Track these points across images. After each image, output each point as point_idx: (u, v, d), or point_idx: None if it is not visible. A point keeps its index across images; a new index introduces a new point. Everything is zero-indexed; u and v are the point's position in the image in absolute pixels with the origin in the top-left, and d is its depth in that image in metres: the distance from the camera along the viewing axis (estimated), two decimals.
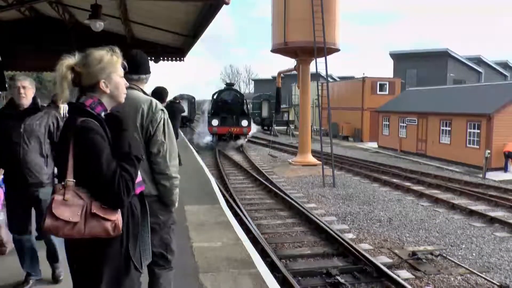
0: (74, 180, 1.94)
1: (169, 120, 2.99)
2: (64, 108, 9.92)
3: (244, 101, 28.51)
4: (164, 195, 2.97)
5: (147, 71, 3.09)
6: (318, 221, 9.70)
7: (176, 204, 3.09)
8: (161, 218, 2.98)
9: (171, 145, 2.95)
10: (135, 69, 2.96)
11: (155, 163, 2.89)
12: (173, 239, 3.12)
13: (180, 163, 3.82)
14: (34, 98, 3.90)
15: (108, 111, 2.16)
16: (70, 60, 2.10)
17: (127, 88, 2.93)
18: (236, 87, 73.65)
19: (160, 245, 2.99)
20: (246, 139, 27.33)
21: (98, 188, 1.95)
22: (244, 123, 25.97)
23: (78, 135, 1.95)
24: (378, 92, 33.59)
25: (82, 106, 2.06)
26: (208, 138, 27.37)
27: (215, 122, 25.79)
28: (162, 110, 2.93)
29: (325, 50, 17.28)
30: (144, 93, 3.03)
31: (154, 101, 2.94)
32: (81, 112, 2.03)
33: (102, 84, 2.11)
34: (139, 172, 2.19)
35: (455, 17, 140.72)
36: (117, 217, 1.98)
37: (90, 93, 2.12)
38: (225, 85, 31.31)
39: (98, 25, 8.69)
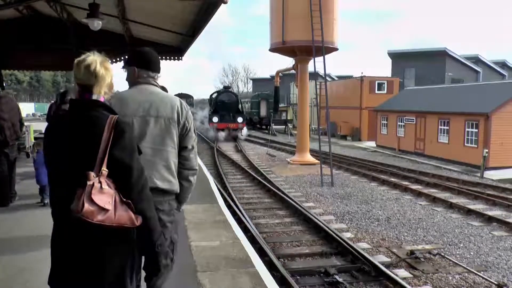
0: (107, 170, 2.01)
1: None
2: None
3: (239, 101, 34.20)
4: (185, 191, 2.98)
5: (159, 68, 3.09)
6: (316, 220, 9.70)
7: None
8: (175, 216, 2.97)
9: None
10: (156, 67, 2.99)
11: (187, 159, 2.91)
12: (177, 239, 3.08)
13: None
14: None
15: None
16: (97, 57, 2.16)
17: (150, 84, 2.96)
18: (234, 86, 76.37)
19: (169, 244, 2.90)
20: (240, 134, 31.98)
21: (125, 182, 2.05)
22: (240, 119, 31.68)
23: (119, 130, 2.05)
24: (376, 91, 33.60)
25: (101, 102, 2.16)
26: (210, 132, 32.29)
27: (215, 119, 31.39)
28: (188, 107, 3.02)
29: (323, 49, 17.29)
30: (164, 90, 3.06)
31: (179, 99, 3.01)
32: (103, 108, 2.13)
33: (113, 84, 2.27)
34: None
35: (453, 16, 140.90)
36: None
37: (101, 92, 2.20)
38: (223, 87, 37.46)
39: (96, 24, 8.67)
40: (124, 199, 2.01)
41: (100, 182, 1.96)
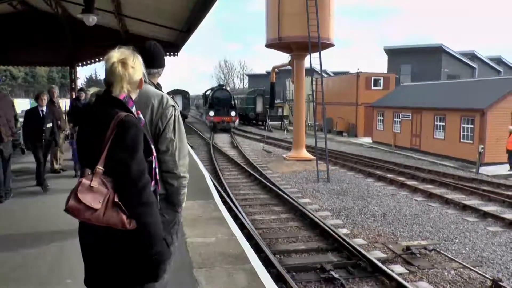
0: (103, 168, 1.98)
1: (180, 117, 2.87)
2: (57, 102, 9.86)
3: (232, 97, 39.24)
4: (171, 195, 2.85)
5: (159, 65, 2.98)
6: (312, 216, 9.71)
7: (183, 205, 2.99)
8: (166, 217, 2.83)
9: (181, 143, 2.83)
10: (146, 63, 2.91)
11: (163, 161, 2.76)
12: (175, 241, 2.99)
13: None
14: None
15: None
16: (118, 55, 2.16)
17: None
18: (230, 82, 77.65)
19: None
20: (234, 126, 37.31)
21: (122, 181, 1.99)
22: (233, 114, 36.90)
23: (122, 128, 2.01)
24: (372, 87, 33.62)
25: (117, 99, 2.13)
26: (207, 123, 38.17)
27: (211, 113, 36.50)
28: (173, 106, 2.81)
29: (320, 45, 17.26)
30: (156, 87, 2.93)
31: (165, 96, 2.83)
32: (118, 105, 2.10)
33: (142, 81, 2.25)
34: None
35: (450, 12, 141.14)
36: None
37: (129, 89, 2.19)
38: (218, 85, 43.05)
39: (91, 20, 8.62)
40: (116, 200, 1.96)
41: (91, 180, 1.94)
